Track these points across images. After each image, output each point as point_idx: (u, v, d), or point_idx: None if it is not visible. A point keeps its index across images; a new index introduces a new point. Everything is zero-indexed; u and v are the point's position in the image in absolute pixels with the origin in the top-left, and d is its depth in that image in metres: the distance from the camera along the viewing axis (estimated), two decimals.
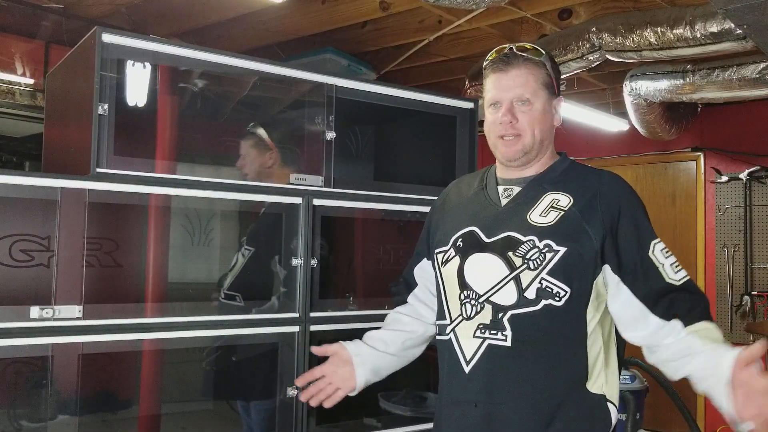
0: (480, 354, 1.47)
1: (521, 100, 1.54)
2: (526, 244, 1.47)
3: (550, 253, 1.45)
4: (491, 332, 1.46)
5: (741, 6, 2.14)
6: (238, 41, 4.04)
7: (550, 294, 1.44)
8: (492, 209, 1.58)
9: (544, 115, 1.56)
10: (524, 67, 1.55)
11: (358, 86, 2.25)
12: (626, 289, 1.46)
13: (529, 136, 1.55)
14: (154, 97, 1.90)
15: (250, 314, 2.00)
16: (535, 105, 1.55)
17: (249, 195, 2.04)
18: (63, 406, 1.72)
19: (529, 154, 1.57)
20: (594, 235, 1.46)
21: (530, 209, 1.52)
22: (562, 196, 1.52)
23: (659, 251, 1.47)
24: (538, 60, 1.55)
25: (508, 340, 1.45)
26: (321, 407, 2.03)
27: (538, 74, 1.55)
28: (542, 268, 1.45)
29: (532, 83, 1.54)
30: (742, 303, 5.20)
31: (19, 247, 1.65)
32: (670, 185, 5.79)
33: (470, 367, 1.48)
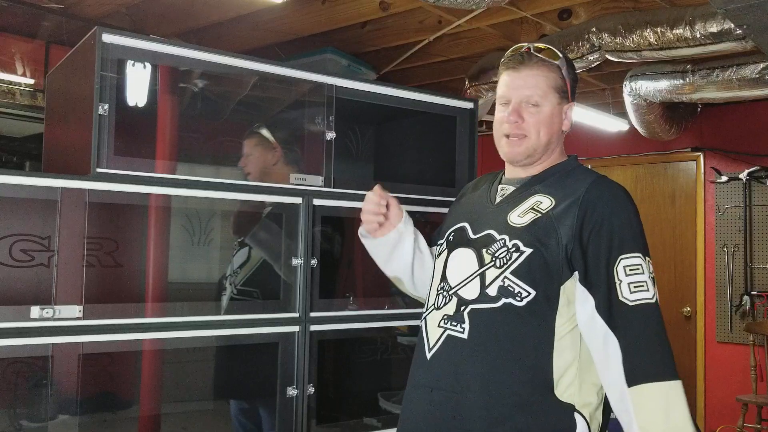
0: (440, 343, 1.51)
1: (530, 102, 1.54)
2: (498, 243, 1.50)
3: (516, 253, 1.46)
4: (452, 323, 1.50)
5: (741, 6, 2.14)
6: (238, 41, 4.04)
7: (511, 293, 1.45)
8: (485, 207, 1.61)
9: (551, 118, 1.56)
10: (536, 69, 1.54)
11: (358, 86, 2.25)
12: (592, 301, 1.42)
13: (534, 138, 1.55)
14: (154, 97, 1.90)
15: (250, 314, 2.00)
16: (543, 108, 1.54)
17: (249, 195, 2.04)
18: (63, 406, 1.72)
19: (533, 156, 1.57)
20: (564, 240, 1.43)
21: (513, 209, 1.54)
22: (546, 198, 1.52)
23: (622, 267, 1.40)
24: (553, 63, 1.55)
25: (465, 333, 1.47)
26: (321, 407, 2.04)
27: (550, 77, 1.55)
28: (506, 267, 1.46)
29: (542, 85, 1.54)
30: (742, 303, 5.20)
31: (19, 247, 1.65)
32: (669, 185, 5.79)
33: (431, 354, 1.52)
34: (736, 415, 4.81)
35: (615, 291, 1.39)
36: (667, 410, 1.32)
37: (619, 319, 1.38)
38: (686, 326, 5.61)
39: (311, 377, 2.04)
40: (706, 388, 5.42)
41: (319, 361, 2.08)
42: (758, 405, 4.77)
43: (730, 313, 5.29)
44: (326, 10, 3.63)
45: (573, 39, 3.56)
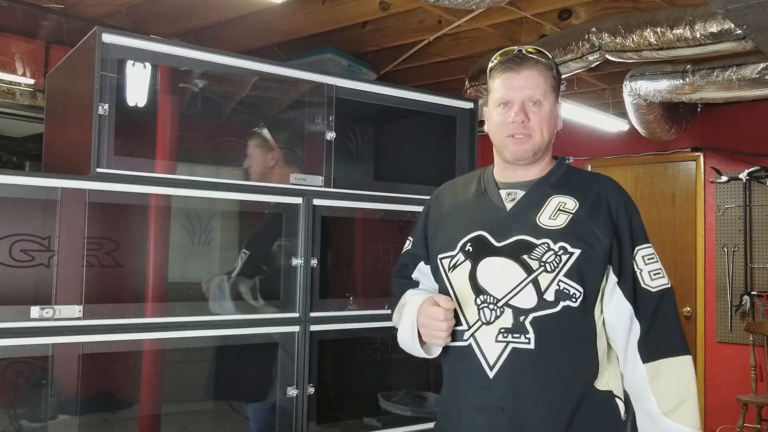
0: (504, 358, 1.47)
1: (533, 101, 1.56)
2: (541, 247, 1.49)
3: (565, 255, 1.48)
4: (514, 336, 1.47)
5: (741, 6, 2.14)
6: (238, 41, 4.04)
7: (567, 295, 1.47)
8: (498, 213, 1.58)
9: (551, 116, 1.60)
10: (536, 69, 1.57)
11: (358, 86, 2.25)
12: (619, 291, 1.52)
13: (539, 136, 1.57)
14: (154, 97, 1.90)
15: (250, 314, 2.00)
16: (544, 107, 1.57)
17: (249, 195, 2.04)
18: (63, 405, 1.72)
19: (537, 154, 1.59)
20: (602, 237, 1.50)
21: (538, 212, 1.54)
22: (567, 199, 1.55)
23: (640, 257, 1.52)
24: (547, 63, 1.59)
25: (531, 343, 1.46)
26: (321, 407, 2.04)
27: (547, 76, 1.58)
28: (559, 270, 1.47)
29: (543, 85, 1.57)
30: (742, 303, 5.20)
31: (19, 247, 1.65)
32: (669, 185, 5.79)
33: (494, 371, 1.47)
34: (736, 415, 4.81)
35: (638, 279, 1.51)
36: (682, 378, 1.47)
37: (642, 304, 1.50)
38: (686, 326, 5.61)
39: (311, 377, 2.04)
40: (706, 388, 5.42)
41: (319, 361, 2.08)
42: (758, 405, 4.77)
43: (730, 313, 5.29)
44: (326, 10, 3.63)
45: (573, 39, 3.56)
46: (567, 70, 3.77)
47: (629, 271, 1.51)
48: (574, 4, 3.59)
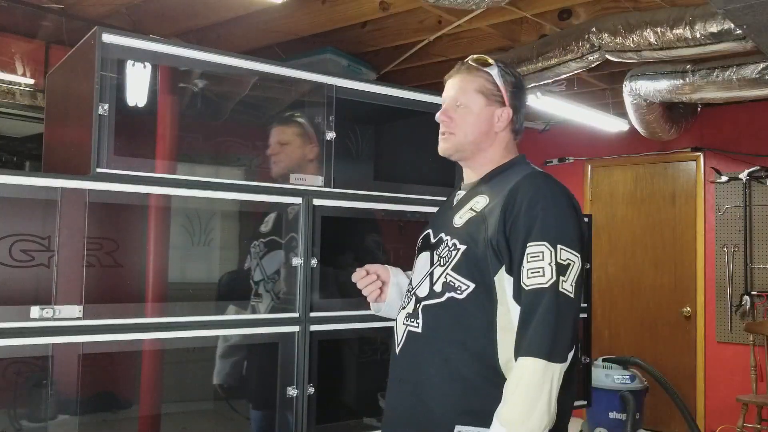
0: (404, 339, 1.65)
1: (455, 103, 1.68)
2: (444, 244, 1.64)
3: (454, 251, 1.60)
4: (411, 320, 1.65)
5: (741, 6, 2.14)
6: (238, 41, 4.04)
7: (452, 288, 1.57)
8: (445, 212, 1.75)
9: (478, 119, 1.66)
10: (464, 74, 1.69)
11: (358, 86, 2.25)
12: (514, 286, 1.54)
13: (461, 135, 1.67)
14: (154, 97, 1.90)
15: (250, 314, 2.00)
16: (469, 108, 1.67)
17: (249, 195, 2.04)
18: (63, 406, 1.72)
19: (462, 152, 1.69)
20: (489, 234, 1.54)
21: (458, 212, 1.66)
22: (483, 197, 1.63)
23: (526, 254, 1.50)
24: (481, 69, 1.68)
25: (419, 328, 1.62)
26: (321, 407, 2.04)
27: (476, 81, 1.67)
28: (448, 264, 1.60)
29: (467, 88, 1.67)
30: (742, 303, 5.20)
31: (19, 247, 1.65)
32: (669, 185, 5.79)
33: (399, 348, 1.67)
34: (736, 415, 4.81)
35: (520, 276, 1.51)
36: (520, 379, 1.43)
37: (521, 301, 1.50)
38: (686, 326, 5.61)
39: (311, 377, 2.04)
40: (706, 388, 5.42)
41: (319, 361, 2.08)
42: (758, 405, 4.77)
43: (730, 313, 5.29)
44: (326, 10, 3.63)
45: (573, 39, 3.56)
46: (567, 70, 3.77)
47: (516, 267, 1.52)
48: (574, 4, 3.59)
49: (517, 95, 1.70)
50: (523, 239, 1.50)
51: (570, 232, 1.52)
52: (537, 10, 3.56)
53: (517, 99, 1.69)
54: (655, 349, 5.75)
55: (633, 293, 5.93)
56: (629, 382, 4.83)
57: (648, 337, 5.82)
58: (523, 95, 1.72)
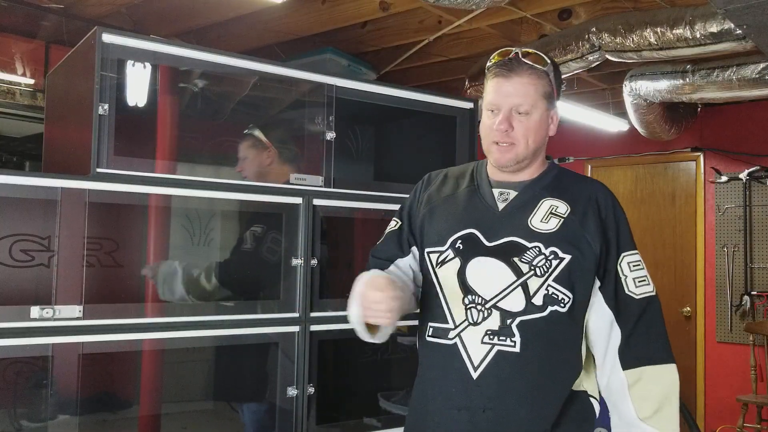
0: (489, 360, 1.46)
1: (519, 110, 1.52)
2: (532, 251, 1.48)
3: (556, 260, 1.47)
4: (500, 338, 1.46)
5: (741, 6, 2.14)
6: (238, 41, 4.04)
7: (555, 300, 1.46)
8: (490, 212, 1.56)
9: (540, 125, 1.54)
10: (527, 76, 1.52)
11: (358, 86, 2.25)
12: (600, 296, 1.51)
13: (523, 145, 1.53)
14: (154, 97, 1.90)
15: (250, 314, 2.00)
16: (532, 116, 1.52)
17: (249, 195, 2.04)
18: (63, 405, 1.72)
19: (522, 163, 1.56)
20: (593, 243, 1.50)
21: (530, 214, 1.53)
22: (558, 202, 1.54)
23: (626, 263, 1.52)
24: (542, 69, 1.53)
25: (517, 347, 1.45)
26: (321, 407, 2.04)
27: (539, 84, 1.53)
28: (549, 274, 1.47)
29: (533, 94, 1.52)
30: (742, 303, 5.20)
31: (19, 247, 1.65)
32: (669, 185, 5.79)
33: (478, 372, 1.47)
34: (736, 415, 4.81)
35: (621, 285, 1.50)
36: (663, 385, 1.47)
37: (625, 310, 1.49)
38: (686, 326, 5.61)
39: (311, 377, 2.04)
40: (706, 388, 5.42)
41: (319, 361, 2.08)
42: (758, 405, 4.77)
43: (730, 313, 5.29)
44: (326, 10, 3.63)
45: (573, 39, 3.56)
46: (567, 70, 3.77)
47: (612, 276, 1.50)
48: (574, 4, 3.59)
49: (561, 91, 1.61)
50: (617, 248, 1.51)
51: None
52: (537, 10, 3.56)
53: (560, 94, 1.61)
54: None
55: None
56: None
57: None
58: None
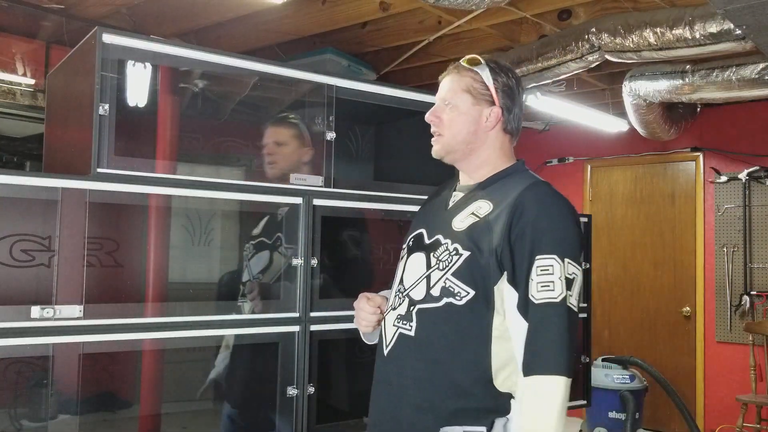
0: (394, 341, 1.62)
1: (444, 102, 1.67)
2: (443, 247, 1.60)
3: (456, 256, 1.57)
4: (403, 322, 1.61)
5: (740, 6, 2.14)
6: (238, 41, 4.05)
7: (451, 293, 1.55)
8: (439, 213, 1.70)
9: (465, 117, 1.65)
10: (453, 75, 1.68)
11: (358, 86, 2.25)
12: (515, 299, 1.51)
13: (449, 135, 1.66)
14: (154, 97, 1.91)
15: (249, 314, 2.01)
16: (457, 108, 1.65)
17: (249, 195, 2.04)
18: (64, 405, 1.72)
19: (453, 154, 1.68)
20: (495, 242, 1.52)
21: (457, 215, 1.63)
22: (485, 203, 1.61)
23: (535, 267, 1.48)
24: (470, 68, 1.67)
25: (412, 331, 1.59)
26: (321, 407, 2.04)
27: (463, 80, 1.66)
28: (448, 269, 1.57)
29: (455, 87, 1.66)
30: (741, 303, 5.20)
31: (19, 247, 1.65)
32: (669, 185, 5.79)
33: (388, 350, 1.63)
34: (736, 414, 4.81)
35: (527, 289, 1.49)
36: (542, 398, 1.44)
37: (529, 315, 1.48)
38: (686, 326, 5.61)
39: (311, 377, 2.05)
40: (706, 388, 5.42)
41: (319, 361, 2.08)
42: (758, 405, 4.78)
43: (729, 313, 5.29)
44: (326, 10, 3.63)
45: (573, 39, 3.57)
46: (567, 71, 3.78)
47: (523, 279, 1.49)
48: (573, 5, 3.59)
49: (508, 95, 1.66)
50: (530, 251, 1.49)
51: (576, 245, 1.53)
52: (537, 10, 3.57)
53: (508, 98, 1.66)
54: (654, 348, 5.75)
55: (633, 293, 5.93)
56: (629, 381, 4.84)
57: (648, 337, 5.82)
58: (516, 95, 1.68)
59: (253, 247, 2.16)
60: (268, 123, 2.21)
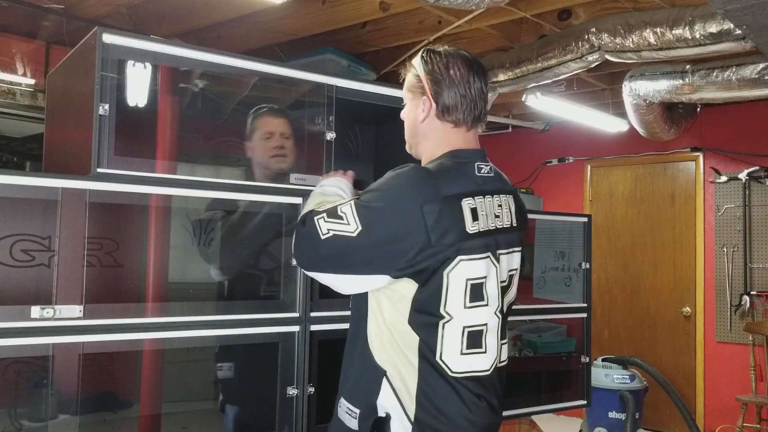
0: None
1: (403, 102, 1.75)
2: None
3: None
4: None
5: (740, 6, 2.14)
6: (238, 41, 4.05)
7: None
8: None
9: (407, 114, 1.72)
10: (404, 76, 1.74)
11: (358, 86, 2.25)
12: None
13: (406, 131, 1.75)
14: (154, 97, 1.90)
15: (250, 314, 2.00)
16: (404, 108, 1.74)
17: (249, 195, 2.04)
18: (63, 405, 1.72)
19: (412, 151, 1.76)
20: None
21: None
22: None
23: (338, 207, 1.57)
24: (411, 67, 1.70)
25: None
26: (321, 407, 2.03)
27: (407, 79, 1.71)
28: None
29: (404, 88, 1.73)
30: (741, 303, 5.20)
31: (19, 247, 1.65)
32: (669, 185, 5.80)
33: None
34: (736, 414, 4.81)
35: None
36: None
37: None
38: (686, 326, 5.61)
39: (311, 377, 2.05)
40: (706, 387, 5.43)
41: (319, 361, 2.08)
42: (758, 405, 4.78)
43: (729, 312, 5.29)
44: (326, 10, 3.64)
45: (573, 39, 3.57)
46: (567, 71, 3.78)
47: None
48: (573, 5, 3.59)
49: (437, 80, 1.60)
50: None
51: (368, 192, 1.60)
52: (537, 10, 3.57)
53: (435, 84, 1.60)
54: (654, 348, 5.75)
55: (633, 293, 5.93)
56: (629, 381, 4.84)
57: (648, 337, 5.82)
58: (444, 78, 1.60)
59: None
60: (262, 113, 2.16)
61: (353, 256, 1.51)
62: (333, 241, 1.51)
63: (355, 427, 1.55)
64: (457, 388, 1.50)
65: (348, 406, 1.58)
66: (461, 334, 1.52)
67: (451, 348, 1.51)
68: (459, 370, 1.51)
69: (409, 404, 1.50)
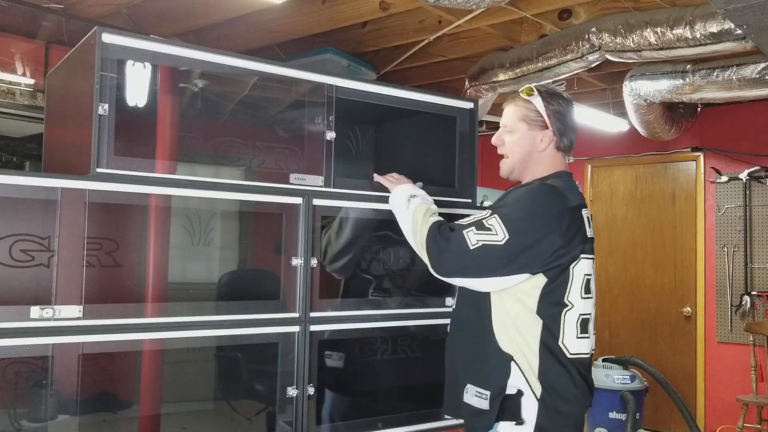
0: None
1: (506, 129, 2.01)
2: None
3: None
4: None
5: (741, 6, 2.14)
6: (238, 41, 4.05)
7: None
8: None
9: (521, 141, 1.97)
10: (511, 104, 2.02)
11: (358, 86, 2.25)
12: None
13: (512, 157, 1.99)
14: (154, 97, 1.90)
15: (250, 314, 2.00)
16: (515, 133, 1.98)
17: (249, 195, 2.03)
18: (63, 406, 1.72)
19: (514, 172, 2.01)
20: None
21: None
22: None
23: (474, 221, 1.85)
24: (525, 98, 1.97)
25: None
26: (321, 407, 2.04)
27: (519, 110, 1.98)
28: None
29: (513, 116, 1.99)
30: (742, 303, 5.20)
31: (19, 247, 1.65)
32: (669, 185, 5.79)
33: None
34: (736, 415, 4.81)
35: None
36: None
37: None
38: (686, 326, 5.61)
39: (311, 377, 2.04)
40: (706, 388, 5.42)
41: (319, 361, 2.08)
42: (758, 405, 4.78)
43: (730, 313, 5.29)
44: (326, 10, 3.63)
45: (573, 39, 3.57)
46: (567, 70, 3.78)
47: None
48: (574, 4, 3.59)
49: (559, 119, 1.96)
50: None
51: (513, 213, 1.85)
52: (537, 10, 3.56)
53: (559, 122, 1.95)
54: (655, 349, 5.75)
55: (633, 293, 5.93)
56: (629, 382, 4.84)
57: (648, 337, 5.82)
58: (566, 117, 1.97)
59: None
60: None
61: (499, 261, 1.79)
62: (481, 250, 1.79)
63: (485, 407, 1.82)
64: (569, 368, 1.81)
65: (477, 390, 1.85)
66: (577, 320, 1.83)
67: (570, 332, 1.82)
68: (574, 352, 1.82)
69: (535, 384, 1.80)
